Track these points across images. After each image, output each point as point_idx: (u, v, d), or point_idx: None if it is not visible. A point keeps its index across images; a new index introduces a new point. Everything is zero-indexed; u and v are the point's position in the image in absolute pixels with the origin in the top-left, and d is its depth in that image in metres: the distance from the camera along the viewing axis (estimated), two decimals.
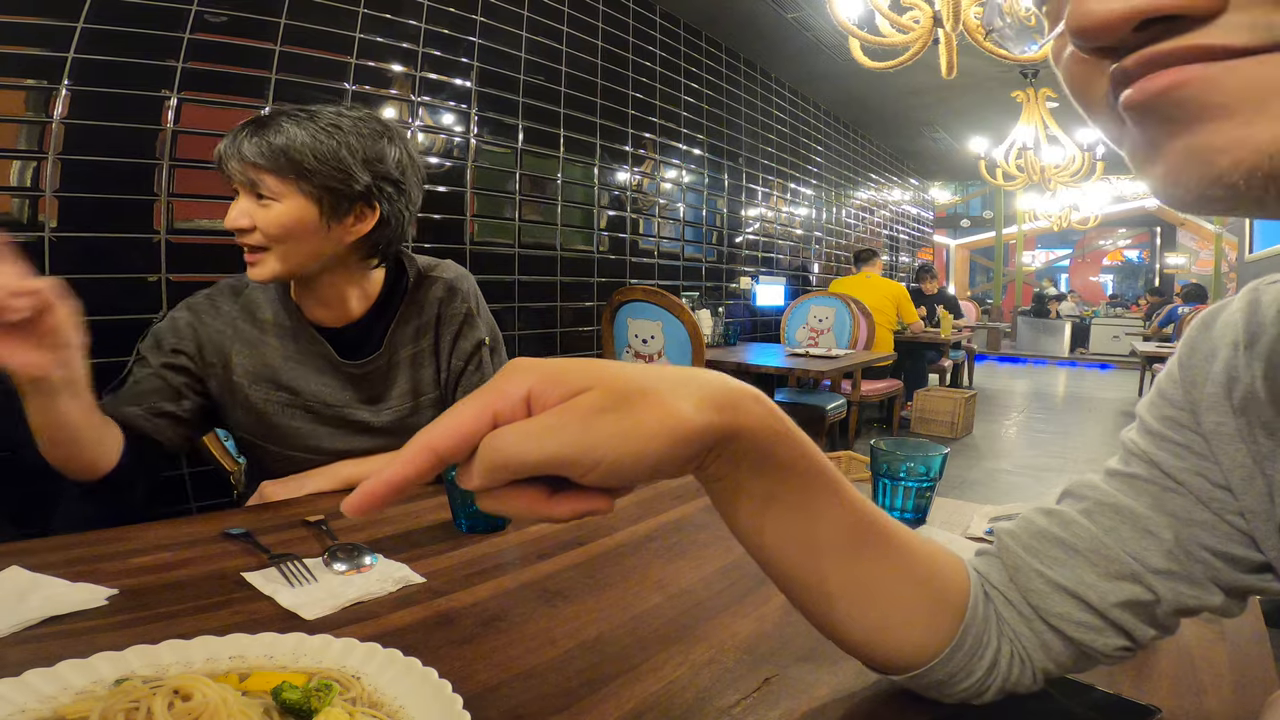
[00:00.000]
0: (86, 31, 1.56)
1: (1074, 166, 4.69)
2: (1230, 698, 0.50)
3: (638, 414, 0.30)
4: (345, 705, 0.41)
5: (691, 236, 3.74)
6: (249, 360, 0.98)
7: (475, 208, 2.51)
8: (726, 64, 4.04)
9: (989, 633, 0.44)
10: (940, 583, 0.44)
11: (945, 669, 0.43)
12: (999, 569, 0.46)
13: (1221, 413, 0.41)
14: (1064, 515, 0.45)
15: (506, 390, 0.31)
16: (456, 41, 2.43)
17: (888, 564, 0.43)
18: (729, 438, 0.34)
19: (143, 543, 0.75)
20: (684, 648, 0.55)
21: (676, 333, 2.45)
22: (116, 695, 0.39)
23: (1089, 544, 0.43)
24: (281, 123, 0.89)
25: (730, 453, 0.35)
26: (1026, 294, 12.05)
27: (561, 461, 0.30)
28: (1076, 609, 0.43)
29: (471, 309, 1.06)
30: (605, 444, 0.30)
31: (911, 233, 7.57)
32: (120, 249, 1.64)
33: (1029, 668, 0.44)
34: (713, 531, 0.82)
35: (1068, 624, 0.43)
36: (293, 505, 0.90)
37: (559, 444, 0.29)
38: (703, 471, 0.36)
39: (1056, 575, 0.43)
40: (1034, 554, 0.44)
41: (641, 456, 0.30)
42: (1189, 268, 11.07)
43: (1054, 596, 0.43)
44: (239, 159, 0.89)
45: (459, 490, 0.80)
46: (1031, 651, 0.44)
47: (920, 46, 2.39)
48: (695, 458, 0.33)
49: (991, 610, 0.45)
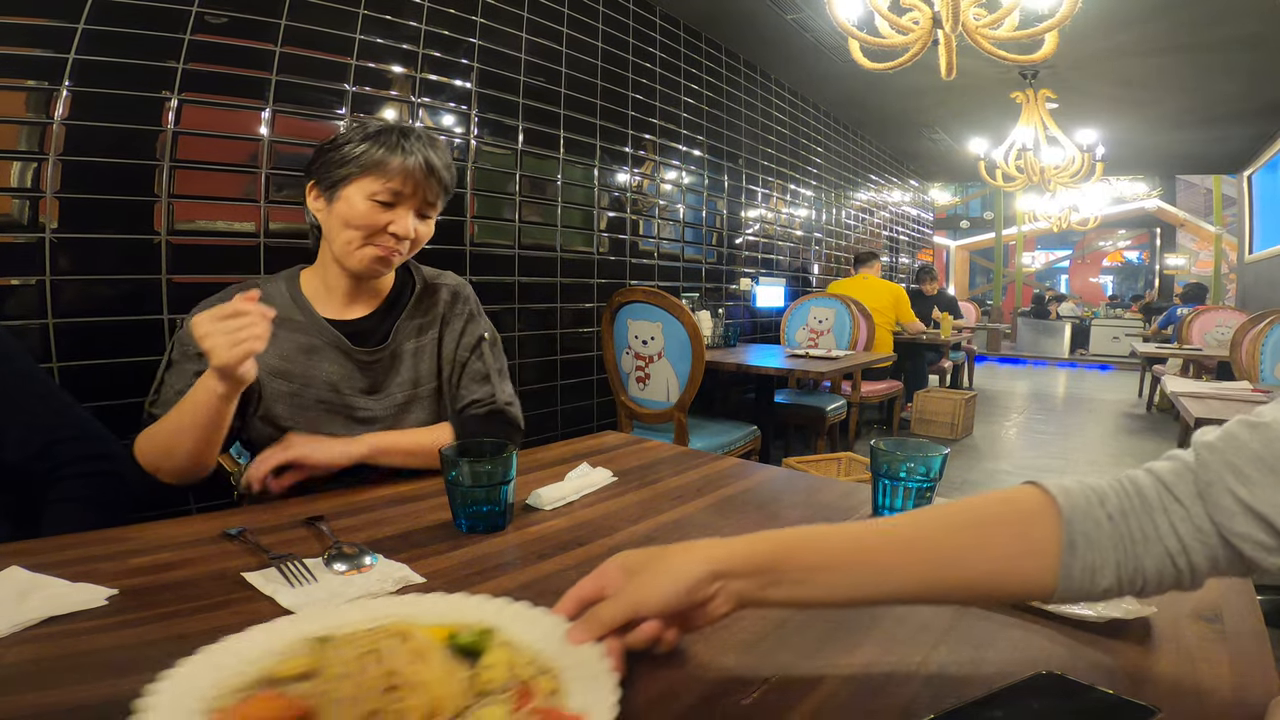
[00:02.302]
0: (87, 33, 1.56)
1: (1074, 167, 4.69)
2: (1230, 698, 0.50)
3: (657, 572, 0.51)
4: (503, 646, 0.49)
5: (691, 238, 3.75)
6: (265, 354, 1.00)
7: (475, 209, 2.51)
8: (726, 65, 4.04)
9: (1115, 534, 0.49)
10: (1014, 510, 0.52)
11: (1071, 579, 0.49)
12: (1189, 482, 0.48)
13: None
14: (1272, 432, 0.46)
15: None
16: (456, 43, 2.43)
17: (956, 547, 0.52)
18: (719, 576, 0.51)
19: (143, 543, 0.75)
20: (685, 648, 0.55)
21: (676, 334, 2.44)
22: (341, 644, 0.45)
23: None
24: (442, 150, 1.06)
25: (733, 588, 0.51)
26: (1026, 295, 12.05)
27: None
28: (1261, 531, 0.44)
29: (473, 311, 1.18)
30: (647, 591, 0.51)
31: (911, 234, 7.57)
32: (121, 250, 1.64)
33: (1185, 575, 0.48)
34: (713, 532, 0.82)
35: (1247, 543, 0.45)
36: (293, 505, 0.90)
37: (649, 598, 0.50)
38: (731, 601, 0.52)
39: (1250, 497, 0.45)
40: (1233, 471, 0.46)
41: (667, 595, 0.50)
42: (1189, 268, 11.07)
43: (1242, 518, 0.45)
44: (437, 180, 1.04)
45: (460, 489, 0.80)
46: (1196, 560, 0.47)
47: (920, 48, 2.40)
48: (698, 589, 0.50)
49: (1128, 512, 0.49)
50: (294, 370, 1.04)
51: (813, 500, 0.96)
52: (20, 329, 1.49)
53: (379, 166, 1.00)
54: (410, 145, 1.01)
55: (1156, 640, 0.57)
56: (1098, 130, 4.85)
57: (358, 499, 0.93)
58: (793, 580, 0.51)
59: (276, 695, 0.43)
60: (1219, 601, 0.65)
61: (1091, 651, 0.56)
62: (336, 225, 1.03)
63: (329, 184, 1.03)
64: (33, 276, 1.52)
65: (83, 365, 1.59)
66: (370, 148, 1.00)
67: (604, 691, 0.44)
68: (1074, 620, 0.60)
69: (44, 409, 1.01)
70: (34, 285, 1.52)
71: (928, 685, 0.50)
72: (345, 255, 1.04)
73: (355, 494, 0.96)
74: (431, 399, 1.12)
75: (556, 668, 0.47)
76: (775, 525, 0.84)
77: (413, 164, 1.00)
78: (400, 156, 1.00)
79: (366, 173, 1.00)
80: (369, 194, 1.00)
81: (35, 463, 0.97)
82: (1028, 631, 0.59)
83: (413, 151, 1.01)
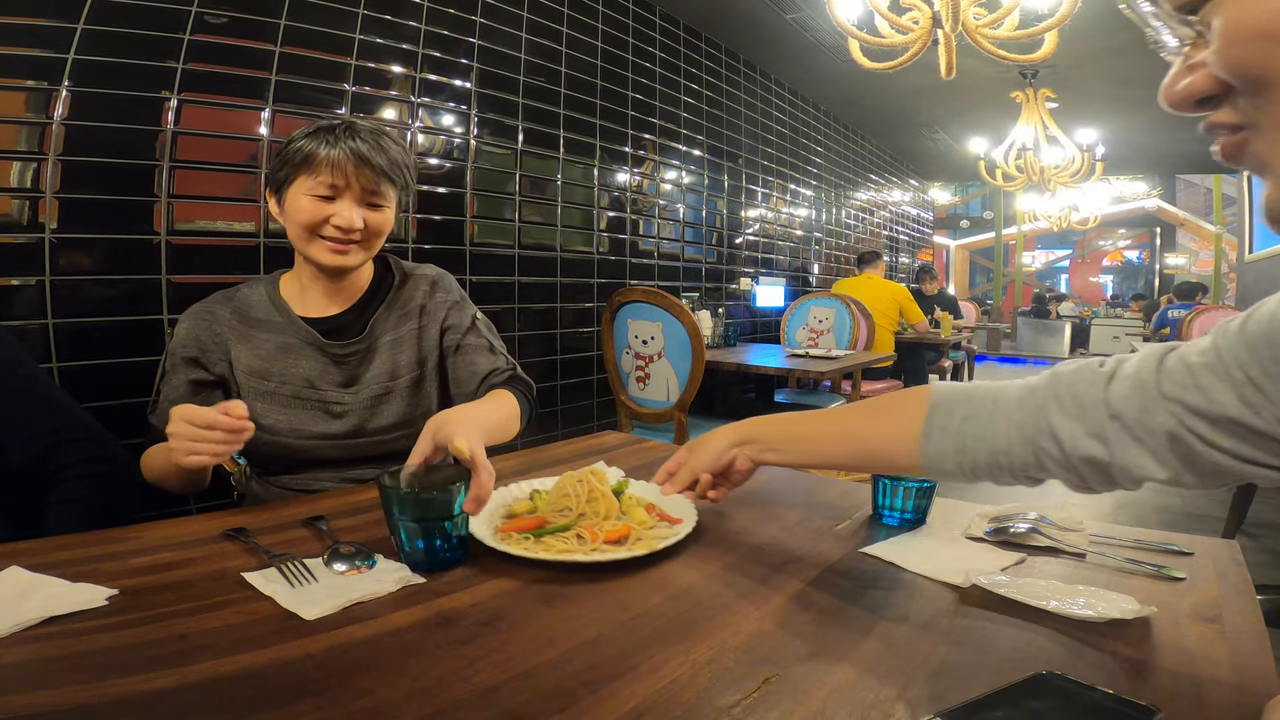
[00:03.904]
0: (87, 33, 1.56)
1: (1073, 167, 4.69)
2: (1230, 698, 0.50)
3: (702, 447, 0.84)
4: (630, 493, 0.86)
5: (691, 237, 3.74)
6: (246, 356, 1.07)
7: (475, 209, 2.51)
8: (726, 65, 4.04)
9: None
10: (906, 400, 0.72)
11: (927, 458, 0.67)
12: (1039, 396, 0.62)
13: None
14: (1083, 375, 0.60)
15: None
16: (456, 43, 2.43)
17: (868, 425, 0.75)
18: (735, 444, 0.83)
19: (143, 543, 0.75)
20: (684, 648, 0.55)
21: (676, 333, 2.44)
22: (554, 489, 0.84)
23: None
24: (379, 139, 1.05)
25: (746, 452, 0.82)
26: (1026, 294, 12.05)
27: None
28: (1055, 448, 0.61)
29: (458, 298, 1.20)
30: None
31: (911, 233, 7.57)
32: (121, 250, 1.64)
33: (1013, 471, 0.63)
34: (713, 531, 0.82)
35: (1048, 457, 0.61)
36: (293, 505, 0.90)
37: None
38: (747, 462, 0.83)
39: (1056, 423, 0.60)
40: (1056, 399, 0.61)
41: (707, 460, 0.83)
42: (1189, 268, 11.07)
43: (1048, 437, 0.61)
44: (370, 168, 1.03)
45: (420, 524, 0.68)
46: (1016, 460, 0.63)
47: (919, 47, 2.40)
48: (724, 454, 0.82)
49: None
50: (272, 369, 1.07)
51: (813, 500, 0.96)
52: (20, 329, 1.49)
53: (308, 162, 1.01)
54: (338, 138, 1.02)
55: (1156, 640, 0.57)
56: (1098, 130, 4.85)
57: (358, 499, 0.93)
58: (777, 450, 0.80)
59: (520, 517, 0.81)
60: (1219, 601, 0.65)
61: (1091, 651, 0.56)
62: (290, 226, 1.05)
63: (276, 187, 1.06)
64: (33, 276, 1.52)
65: (83, 365, 1.59)
66: (304, 145, 1.02)
67: (689, 511, 0.82)
68: (1074, 620, 0.60)
69: (46, 410, 1.01)
70: (34, 285, 1.52)
71: (928, 685, 0.50)
72: (304, 253, 1.07)
73: (355, 494, 0.96)
74: (408, 391, 1.13)
75: (661, 503, 0.86)
76: (775, 524, 0.85)
77: (338, 155, 1.01)
78: (327, 149, 1.01)
79: (299, 170, 1.02)
80: (307, 190, 1.02)
81: (38, 464, 0.97)
82: (1028, 631, 0.59)
83: (338, 144, 1.01)
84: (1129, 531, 0.85)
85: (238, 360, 1.06)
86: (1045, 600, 0.62)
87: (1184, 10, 0.36)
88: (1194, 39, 0.37)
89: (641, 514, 0.80)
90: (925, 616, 0.61)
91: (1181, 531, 0.85)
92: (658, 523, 0.81)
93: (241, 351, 1.06)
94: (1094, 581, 0.68)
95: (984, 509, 0.88)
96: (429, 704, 0.47)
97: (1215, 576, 0.71)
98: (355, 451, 1.09)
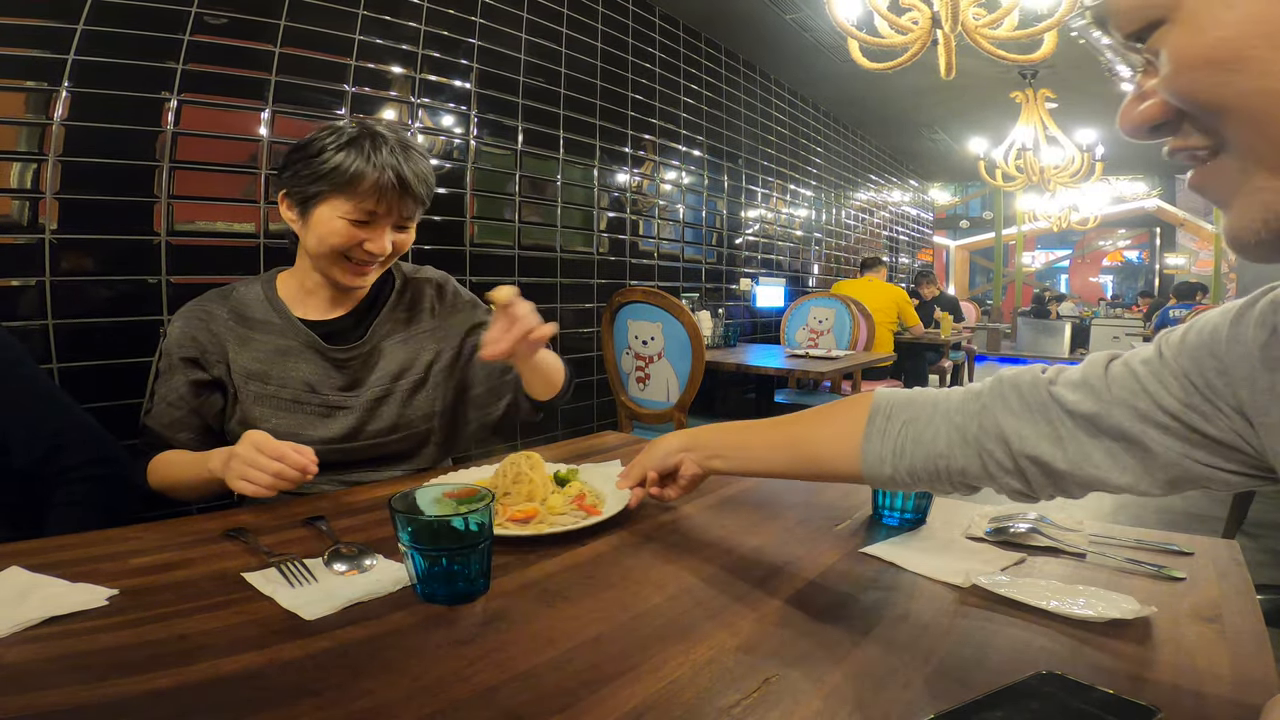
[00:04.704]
0: (86, 33, 1.56)
1: (1073, 167, 4.69)
2: (1230, 698, 0.50)
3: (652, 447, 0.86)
4: (579, 482, 0.91)
5: (691, 238, 3.74)
6: (243, 357, 1.04)
7: (475, 209, 2.51)
8: (726, 65, 4.04)
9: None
10: (849, 407, 0.71)
11: (867, 464, 0.67)
12: (982, 399, 0.63)
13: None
14: (1025, 378, 0.61)
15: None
16: (456, 43, 2.43)
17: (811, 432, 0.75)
18: (683, 450, 0.83)
19: (143, 543, 0.75)
20: (684, 648, 0.55)
21: (676, 334, 2.44)
22: (500, 467, 0.90)
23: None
24: (408, 152, 1.02)
25: (692, 458, 0.83)
26: (1026, 294, 12.04)
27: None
28: (1001, 452, 0.61)
29: (469, 299, 1.21)
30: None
31: (911, 234, 7.57)
32: (121, 251, 1.64)
33: (949, 475, 0.63)
34: (713, 532, 0.82)
35: (991, 460, 0.61)
36: (293, 505, 0.90)
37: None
38: (693, 467, 0.83)
39: (1004, 425, 0.60)
40: (1002, 400, 0.61)
41: (655, 459, 0.85)
42: (1189, 268, 11.06)
43: (993, 438, 0.61)
44: (412, 197, 1.02)
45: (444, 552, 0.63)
46: (955, 465, 0.63)
47: (919, 47, 2.40)
48: (670, 456, 0.84)
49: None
50: (270, 372, 1.04)
51: (812, 500, 0.96)
52: (20, 330, 1.49)
53: (350, 186, 0.97)
54: (382, 159, 0.97)
55: (1156, 640, 0.57)
56: (1097, 130, 4.85)
57: (358, 499, 0.93)
58: (722, 456, 0.80)
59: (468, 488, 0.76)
60: (1219, 601, 0.65)
61: (1091, 651, 0.56)
62: (312, 241, 1.02)
63: (301, 199, 1.01)
64: (33, 277, 1.52)
65: (83, 366, 1.59)
66: (343, 162, 0.96)
67: (615, 507, 0.84)
68: (1074, 620, 0.60)
69: (48, 412, 1.01)
70: (34, 286, 1.52)
71: (928, 685, 0.50)
72: (322, 269, 1.05)
73: (355, 494, 0.96)
74: (407, 394, 1.11)
75: (604, 493, 0.90)
76: (775, 524, 0.85)
77: (385, 181, 0.97)
78: (374, 173, 0.96)
79: (338, 192, 0.98)
80: (344, 213, 0.98)
81: (41, 466, 0.97)
82: (1028, 631, 0.59)
83: (384, 166, 0.97)
84: (1129, 531, 0.85)
85: (235, 362, 1.03)
86: (1045, 600, 0.62)
87: (1133, 39, 0.36)
88: (1144, 66, 0.37)
89: (559, 502, 0.84)
90: (925, 616, 0.61)
91: (1181, 531, 0.85)
92: (573, 511, 0.84)
93: (239, 353, 1.04)
94: (1094, 581, 0.68)
95: (984, 509, 0.88)
96: (429, 704, 0.47)
97: (1215, 576, 0.71)
98: (352, 455, 1.08)
